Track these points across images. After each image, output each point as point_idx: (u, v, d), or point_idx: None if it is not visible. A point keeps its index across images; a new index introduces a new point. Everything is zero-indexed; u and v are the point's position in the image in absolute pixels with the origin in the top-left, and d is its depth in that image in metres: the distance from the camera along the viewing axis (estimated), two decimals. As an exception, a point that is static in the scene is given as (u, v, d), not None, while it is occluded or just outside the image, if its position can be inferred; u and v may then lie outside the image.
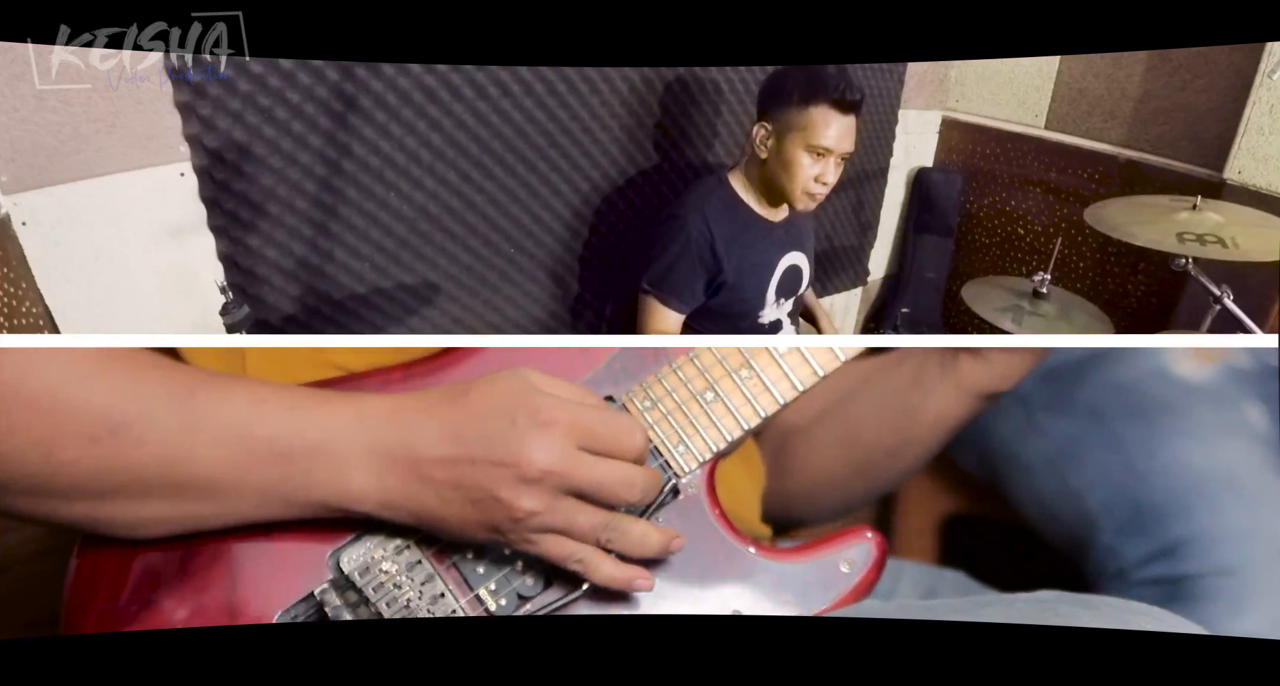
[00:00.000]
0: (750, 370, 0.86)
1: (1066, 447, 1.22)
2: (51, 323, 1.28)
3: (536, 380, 0.78)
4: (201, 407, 0.75)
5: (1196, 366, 1.22)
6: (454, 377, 0.85)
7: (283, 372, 0.84)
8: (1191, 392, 1.20)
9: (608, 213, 1.87)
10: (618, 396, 0.87)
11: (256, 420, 0.75)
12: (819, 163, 1.50)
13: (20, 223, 1.22)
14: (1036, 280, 1.73)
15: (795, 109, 1.48)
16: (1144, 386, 1.22)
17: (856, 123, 1.50)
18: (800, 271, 1.72)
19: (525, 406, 0.75)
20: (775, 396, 0.86)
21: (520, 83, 1.61)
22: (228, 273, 1.41)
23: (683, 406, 0.86)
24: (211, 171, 1.33)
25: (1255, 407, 1.18)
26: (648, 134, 1.86)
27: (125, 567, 0.81)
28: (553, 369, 0.82)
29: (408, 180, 1.54)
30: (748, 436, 0.88)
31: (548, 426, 0.74)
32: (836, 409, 1.05)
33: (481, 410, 0.75)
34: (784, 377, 0.86)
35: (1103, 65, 2.33)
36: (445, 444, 0.75)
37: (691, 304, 1.58)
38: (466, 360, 0.87)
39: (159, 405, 0.74)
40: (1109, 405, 1.22)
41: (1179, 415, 1.18)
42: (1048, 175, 2.49)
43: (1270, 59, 1.94)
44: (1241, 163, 2.06)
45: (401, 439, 0.75)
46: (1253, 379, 1.21)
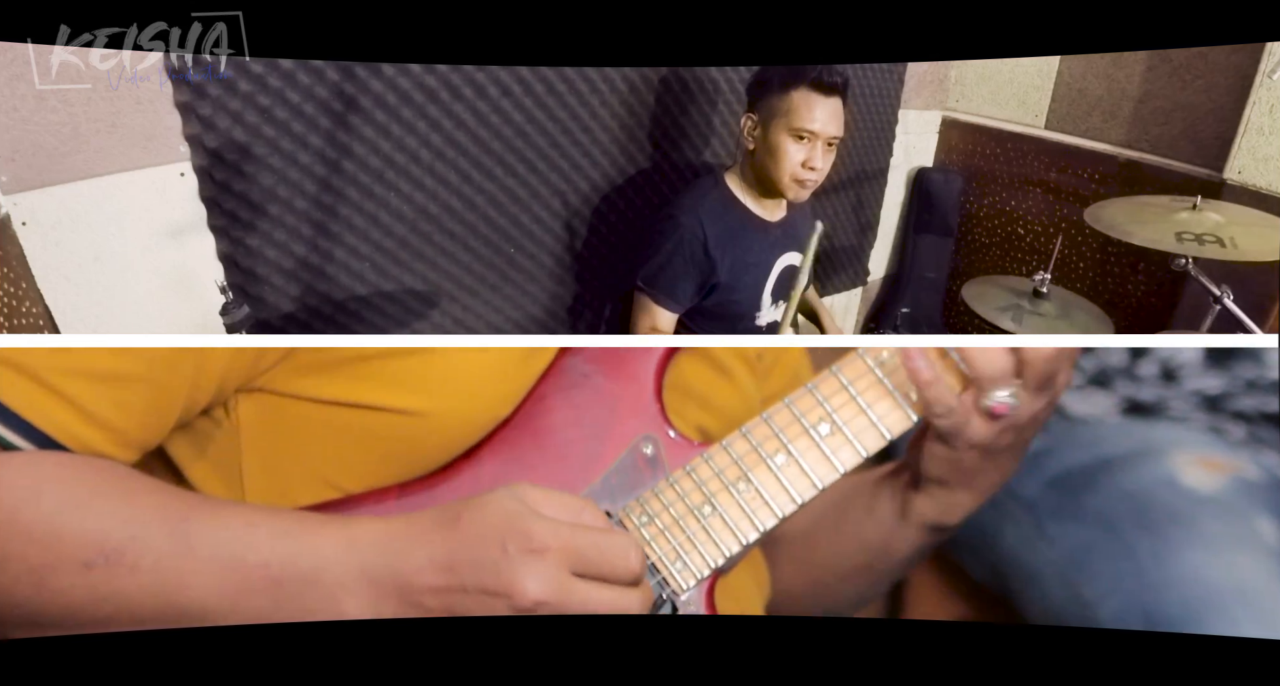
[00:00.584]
0: (748, 483, 0.84)
1: (1076, 556, 1.19)
2: (51, 323, 1.28)
3: (533, 498, 0.75)
4: (195, 533, 0.73)
5: (1207, 476, 1.19)
6: (449, 496, 0.83)
7: (280, 493, 0.83)
8: (1202, 503, 1.17)
9: (608, 213, 1.87)
10: (614, 512, 0.85)
11: (249, 546, 0.73)
12: (804, 147, 1.50)
13: (20, 223, 1.22)
14: (1037, 280, 1.73)
15: (777, 95, 1.49)
16: (1154, 496, 1.19)
17: (843, 107, 1.50)
18: (798, 272, 1.72)
19: (517, 532, 0.72)
20: (774, 510, 0.83)
21: (520, 83, 1.61)
22: (228, 273, 1.41)
23: (680, 521, 0.84)
24: (211, 171, 1.33)
25: (1266, 521, 1.15)
26: (647, 134, 1.86)
27: None
28: (550, 483, 0.80)
29: (408, 180, 1.54)
30: (747, 551, 0.86)
31: (540, 553, 0.72)
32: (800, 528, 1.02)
33: (473, 536, 0.73)
34: (782, 491, 0.83)
35: (1103, 65, 2.34)
36: (437, 572, 0.73)
37: (685, 303, 1.58)
38: (460, 476, 0.85)
39: (153, 530, 0.73)
40: (1119, 514, 1.19)
41: (1190, 526, 1.15)
42: (1048, 175, 2.49)
43: (1270, 59, 1.94)
44: (1241, 163, 2.06)
45: (392, 566, 0.73)
46: (1262, 491, 1.19)
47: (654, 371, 0.87)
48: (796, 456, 0.84)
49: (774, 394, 0.91)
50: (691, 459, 0.85)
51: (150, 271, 1.36)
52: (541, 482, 0.78)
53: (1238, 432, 1.29)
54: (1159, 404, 1.31)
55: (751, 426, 0.85)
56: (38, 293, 1.26)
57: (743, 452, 0.84)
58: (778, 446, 0.84)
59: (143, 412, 0.75)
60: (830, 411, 0.84)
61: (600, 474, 0.85)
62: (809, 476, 0.84)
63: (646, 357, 0.87)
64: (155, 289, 1.37)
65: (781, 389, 0.89)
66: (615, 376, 0.87)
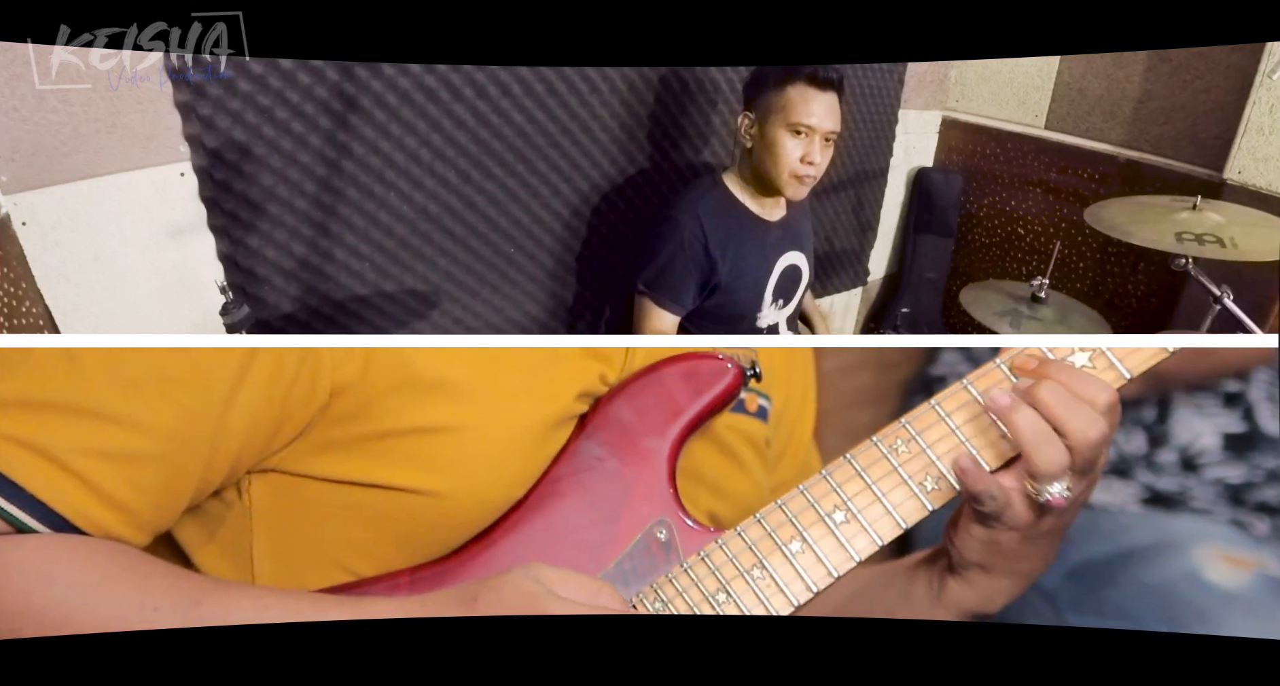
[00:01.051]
0: (763, 570, 0.82)
1: None
2: (51, 323, 1.28)
3: (549, 578, 0.75)
4: (208, 617, 0.73)
5: (1230, 572, 1.18)
6: (462, 578, 0.82)
7: (290, 576, 0.83)
8: (1226, 600, 1.15)
9: (608, 213, 1.87)
10: (629, 597, 0.84)
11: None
12: (802, 142, 1.50)
13: (20, 223, 1.22)
14: (1034, 284, 1.73)
15: (773, 91, 1.50)
16: (1177, 591, 1.17)
17: (839, 102, 1.51)
18: (799, 271, 1.72)
19: (534, 612, 0.72)
20: (789, 598, 0.82)
21: (520, 83, 1.61)
22: (228, 273, 1.41)
23: (695, 609, 0.83)
24: (211, 171, 1.33)
25: None
26: (647, 134, 1.86)
27: None
28: (564, 566, 0.79)
29: (408, 180, 1.54)
30: None
31: None
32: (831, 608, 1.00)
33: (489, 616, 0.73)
34: (798, 578, 0.82)
35: (1103, 65, 2.34)
36: None
37: (686, 304, 1.58)
38: (473, 559, 0.84)
39: (165, 615, 0.72)
40: (1141, 608, 1.17)
41: (1214, 624, 1.13)
42: (1048, 175, 2.49)
43: (1270, 59, 1.94)
44: (1241, 163, 2.06)
45: None
46: None
47: (667, 456, 0.87)
48: (812, 543, 0.82)
49: (783, 482, 0.90)
50: (706, 544, 0.84)
51: (150, 271, 1.36)
52: (559, 562, 0.77)
53: (1261, 527, 1.26)
54: (1180, 493, 1.28)
55: (766, 512, 0.84)
56: (38, 293, 1.26)
57: (757, 539, 0.83)
58: (793, 533, 0.83)
59: (156, 493, 0.74)
60: (845, 499, 0.83)
61: (614, 558, 0.85)
62: (824, 564, 0.82)
63: (659, 442, 0.87)
64: (155, 289, 1.37)
65: (791, 477, 0.88)
66: (628, 460, 0.86)
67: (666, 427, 0.87)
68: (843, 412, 1.36)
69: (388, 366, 0.78)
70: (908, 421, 0.83)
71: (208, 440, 0.75)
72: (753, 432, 0.97)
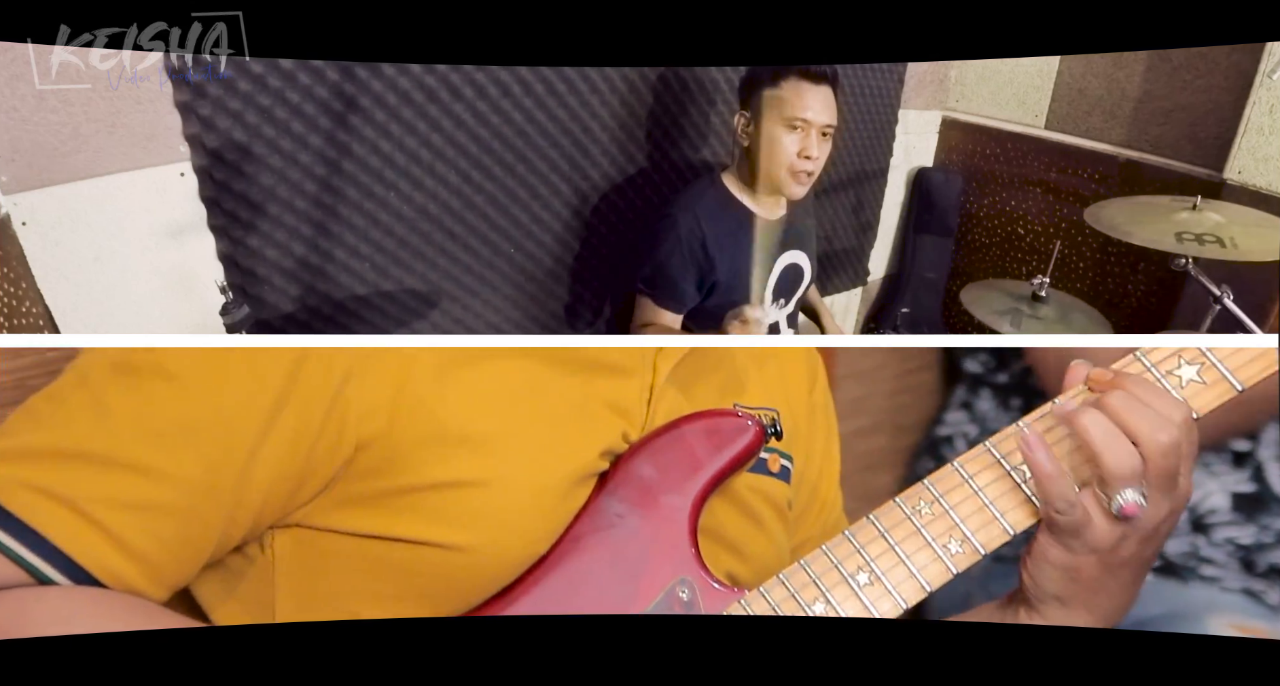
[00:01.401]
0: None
1: None
2: (51, 323, 1.28)
3: None
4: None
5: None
6: None
7: None
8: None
9: (608, 212, 1.87)
10: None
11: None
12: (798, 136, 1.50)
13: (20, 223, 1.22)
14: (1035, 283, 1.73)
15: (768, 88, 1.51)
16: None
17: (834, 96, 1.51)
18: (800, 271, 1.72)
19: None
20: None
21: (520, 83, 1.61)
22: (228, 273, 1.41)
23: None
24: (211, 171, 1.33)
25: None
26: (648, 134, 1.86)
27: None
28: (603, 607, 0.79)
29: (408, 180, 1.54)
30: None
31: None
32: None
33: None
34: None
35: (1103, 65, 2.33)
36: None
37: (686, 303, 1.58)
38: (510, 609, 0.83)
39: None
40: None
41: None
42: (1048, 175, 2.49)
43: (1270, 59, 1.94)
44: (1241, 163, 2.06)
45: None
46: None
47: (688, 514, 0.85)
48: (835, 605, 0.81)
49: (806, 539, 0.88)
50: (728, 604, 0.83)
51: (150, 271, 1.36)
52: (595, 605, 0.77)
53: (1274, 595, 1.25)
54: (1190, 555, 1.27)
55: (790, 573, 0.83)
56: (38, 293, 1.26)
57: (780, 600, 0.82)
58: (816, 594, 0.82)
59: (179, 545, 0.73)
60: (869, 560, 0.81)
61: (657, 595, 0.83)
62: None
63: (680, 499, 0.85)
64: (155, 289, 1.37)
65: (814, 537, 0.87)
66: (649, 518, 0.85)
67: (687, 485, 0.86)
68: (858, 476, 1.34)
69: (414, 418, 0.76)
70: (930, 482, 0.82)
71: (231, 492, 0.73)
72: (775, 494, 0.96)
